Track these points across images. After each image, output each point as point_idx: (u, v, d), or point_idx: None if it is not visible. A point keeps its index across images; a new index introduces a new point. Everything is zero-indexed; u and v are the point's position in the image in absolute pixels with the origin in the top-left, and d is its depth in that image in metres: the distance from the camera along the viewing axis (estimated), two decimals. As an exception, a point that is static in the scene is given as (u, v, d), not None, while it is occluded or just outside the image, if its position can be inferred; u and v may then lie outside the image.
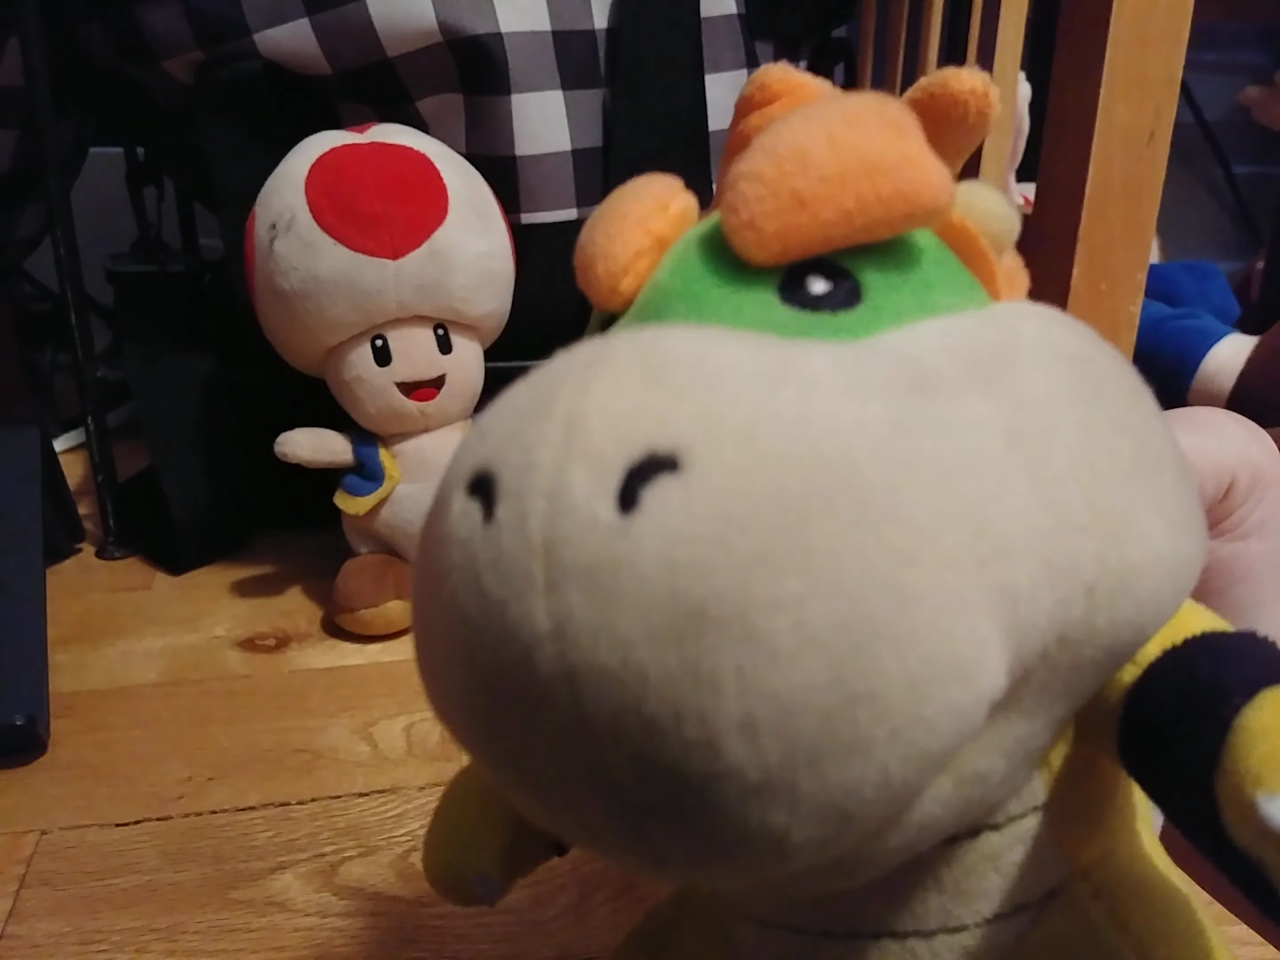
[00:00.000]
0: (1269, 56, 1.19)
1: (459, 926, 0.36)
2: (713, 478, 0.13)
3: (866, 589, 0.13)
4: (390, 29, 0.55)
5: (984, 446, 0.14)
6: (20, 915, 0.37)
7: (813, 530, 0.13)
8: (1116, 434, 0.15)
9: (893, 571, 0.13)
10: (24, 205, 0.73)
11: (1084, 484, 0.15)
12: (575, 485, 0.13)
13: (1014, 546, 0.14)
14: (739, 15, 0.62)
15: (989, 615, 0.13)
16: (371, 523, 0.54)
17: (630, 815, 0.13)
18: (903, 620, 0.13)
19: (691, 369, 0.14)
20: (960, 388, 0.15)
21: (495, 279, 0.52)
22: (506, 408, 0.15)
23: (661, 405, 0.13)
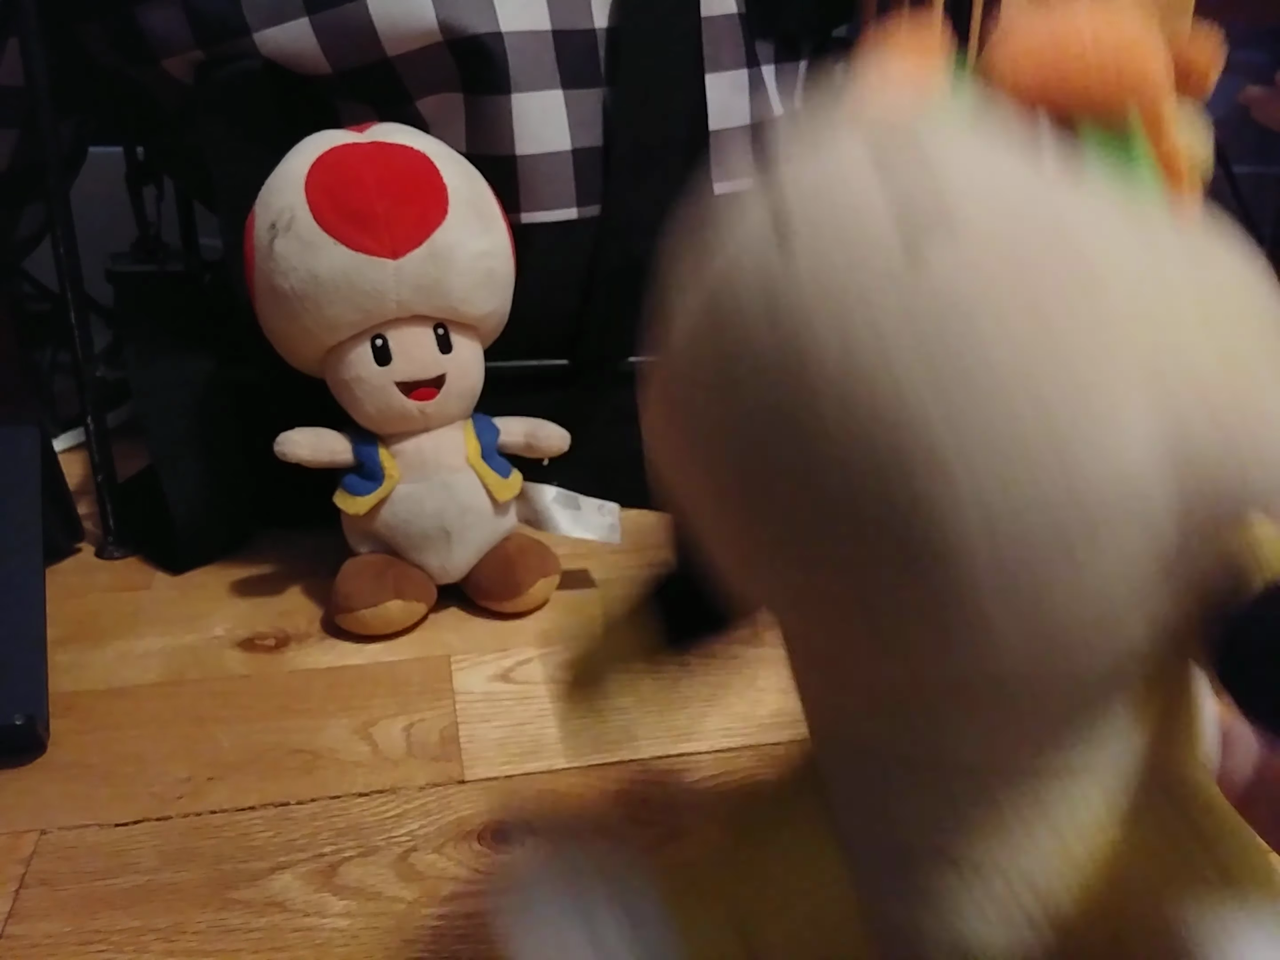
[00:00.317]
0: (1269, 56, 1.19)
1: (459, 926, 0.36)
2: (977, 232, 0.15)
3: (1074, 362, 0.15)
4: (390, 28, 0.55)
5: (1182, 303, 0.17)
6: (20, 915, 0.37)
7: (1052, 323, 0.15)
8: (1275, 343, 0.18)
9: (1095, 368, 0.15)
10: (24, 205, 0.73)
11: (1242, 376, 0.17)
12: (869, 228, 0.15)
13: (1188, 374, 0.16)
14: (739, 14, 0.62)
15: (1170, 429, 0.16)
16: (371, 522, 0.54)
17: (860, 562, 0.16)
18: (1109, 402, 0.15)
19: (956, 153, 0.16)
20: (1182, 244, 0.17)
21: (495, 278, 0.52)
22: (801, 149, 0.18)
23: (931, 173, 0.16)
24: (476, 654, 0.53)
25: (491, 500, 0.55)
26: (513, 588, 0.55)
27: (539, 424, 0.56)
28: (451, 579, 0.56)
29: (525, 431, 0.56)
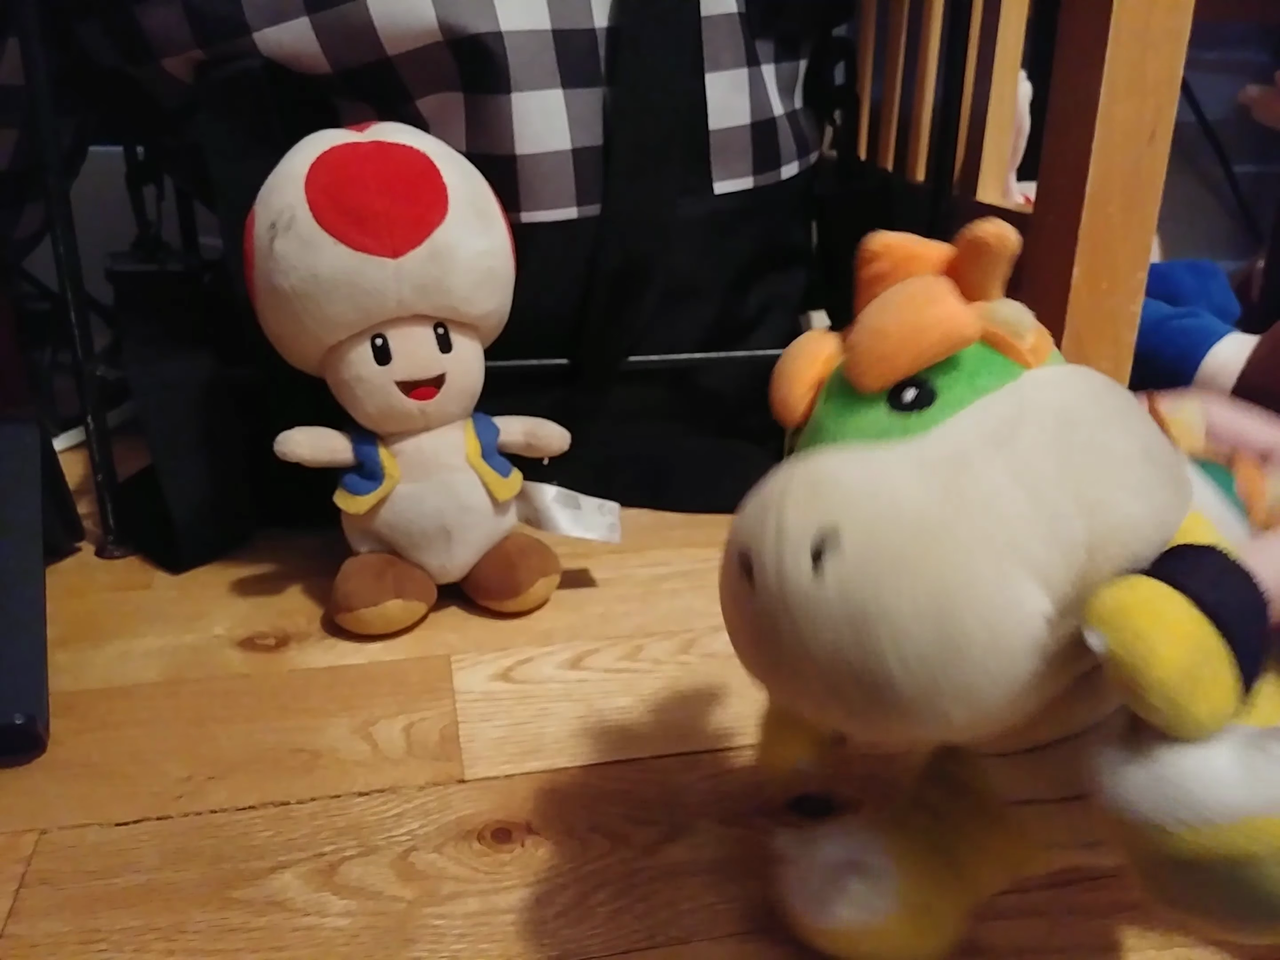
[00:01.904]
0: (1269, 55, 1.19)
1: (459, 926, 0.36)
2: (851, 542, 0.24)
3: (946, 580, 0.23)
4: (390, 28, 0.55)
5: (998, 486, 0.24)
6: (20, 915, 0.37)
7: (910, 559, 0.23)
8: (1088, 451, 0.25)
9: (957, 568, 0.23)
10: (24, 204, 0.73)
11: (1068, 489, 0.24)
12: (787, 563, 0.24)
13: (1026, 536, 0.24)
14: (739, 14, 0.62)
15: (1023, 575, 0.23)
16: (371, 522, 0.54)
17: (855, 711, 0.25)
18: (970, 589, 0.23)
19: (832, 485, 0.25)
20: (983, 454, 0.25)
21: (495, 278, 0.52)
22: (751, 511, 0.26)
23: (820, 508, 0.25)
24: (476, 654, 0.53)
25: (491, 500, 0.55)
26: (513, 587, 0.55)
27: (539, 423, 0.56)
28: (451, 578, 0.56)
29: (525, 431, 0.56)
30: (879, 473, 0.25)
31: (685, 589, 0.59)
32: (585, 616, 0.56)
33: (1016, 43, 0.65)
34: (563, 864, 0.39)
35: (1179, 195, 0.94)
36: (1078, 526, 0.23)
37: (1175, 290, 0.72)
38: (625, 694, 0.50)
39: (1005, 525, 0.23)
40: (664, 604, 0.58)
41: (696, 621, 0.56)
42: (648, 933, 0.36)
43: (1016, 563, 0.23)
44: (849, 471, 0.25)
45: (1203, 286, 0.73)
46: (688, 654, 0.53)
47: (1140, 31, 0.55)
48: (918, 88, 0.75)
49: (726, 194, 0.65)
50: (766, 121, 0.65)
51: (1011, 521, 0.23)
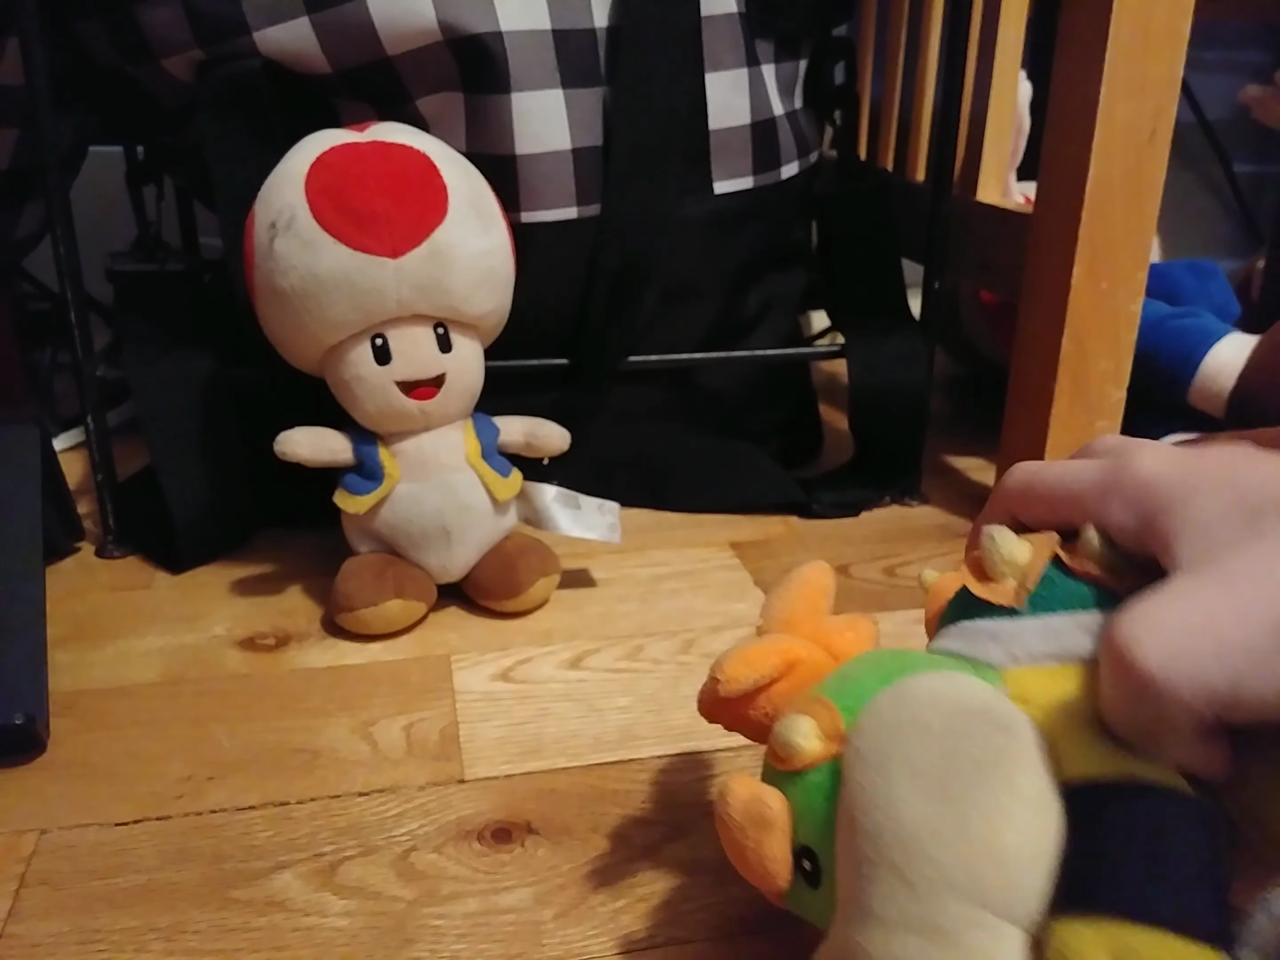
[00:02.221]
0: (1270, 55, 1.19)
1: (459, 926, 0.36)
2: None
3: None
4: (390, 28, 0.55)
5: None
6: (20, 915, 0.37)
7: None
8: (899, 859, 0.24)
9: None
10: (24, 204, 0.73)
11: (919, 901, 0.24)
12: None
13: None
14: (739, 14, 0.62)
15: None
16: (371, 522, 0.54)
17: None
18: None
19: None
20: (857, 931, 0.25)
21: (495, 278, 0.52)
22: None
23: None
24: (476, 653, 0.53)
25: (491, 499, 0.55)
26: (513, 587, 0.55)
27: (539, 423, 0.56)
28: (451, 578, 0.56)
29: (525, 431, 0.56)
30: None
31: (685, 589, 0.59)
32: (585, 616, 0.56)
33: (1016, 43, 0.65)
34: (563, 864, 0.39)
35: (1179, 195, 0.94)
36: (954, 912, 0.23)
37: (1175, 290, 0.72)
38: (625, 694, 0.50)
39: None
40: (664, 604, 0.58)
41: (696, 621, 0.56)
42: (648, 933, 0.36)
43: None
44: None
45: (1203, 286, 0.73)
46: (688, 654, 0.53)
47: (1140, 31, 0.55)
48: (918, 88, 0.75)
49: (726, 194, 0.65)
50: (766, 121, 0.65)
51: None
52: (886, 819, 0.24)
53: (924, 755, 0.24)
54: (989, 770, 0.24)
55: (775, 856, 0.27)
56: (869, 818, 0.24)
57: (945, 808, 0.23)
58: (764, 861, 0.27)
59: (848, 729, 0.26)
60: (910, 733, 0.25)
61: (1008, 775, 0.24)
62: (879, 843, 0.24)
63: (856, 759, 0.25)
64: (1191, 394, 0.65)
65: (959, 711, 0.25)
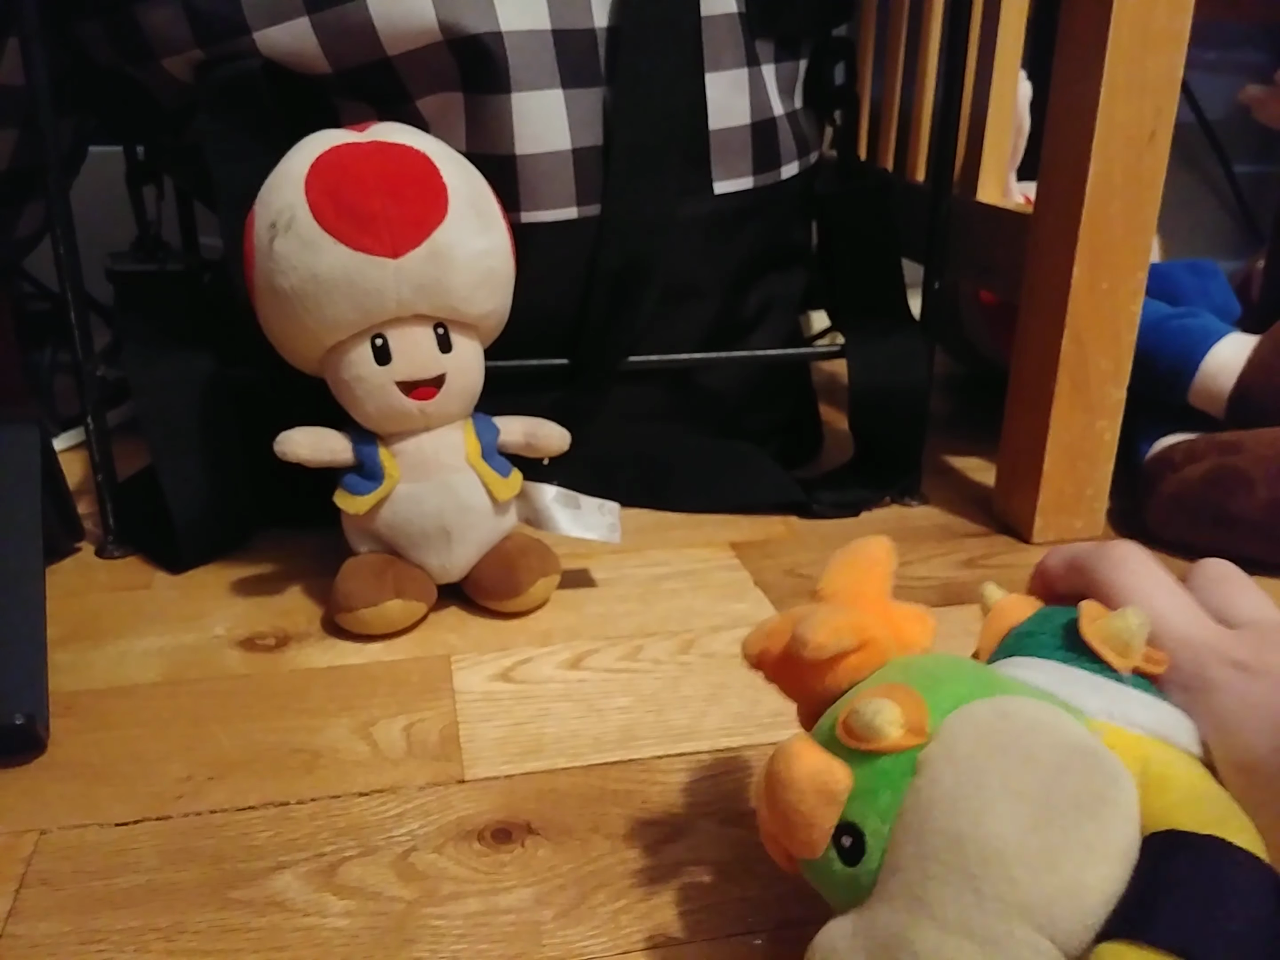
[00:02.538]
0: (1270, 55, 1.19)
1: (459, 926, 0.36)
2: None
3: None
4: (390, 28, 0.55)
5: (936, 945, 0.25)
6: (20, 915, 0.37)
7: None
8: (980, 874, 0.25)
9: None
10: (24, 204, 0.73)
11: (980, 919, 0.25)
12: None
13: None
14: (739, 14, 0.62)
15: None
16: (371, 522, 0.54)
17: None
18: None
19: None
20: (900, 916, 0.26)
21: (495, 278, 0.52)
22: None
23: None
24: (476, 654, 0.53)
25: (491, 499, 0.55)
26: (513, 587, 0.55)
27: (539, 423, 0.56)
28: (451, 578, 0.56)
29: (525, 431, 0.56)
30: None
31: (685, 589, 0.59)
32: (585, 616, 0.56)
33: (1016, 43, 0.65)
34: (563, 864, 0.39)
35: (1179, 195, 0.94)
36: (1019, 935, 0.24)
37: (1175, 290, 0.72)
38: (625, 694, 0.50)
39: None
40: (664, 604, 0.58)
41: (696, 621, 0.56)
42: (648, 933, 0.36)
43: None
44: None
45: (1203, 286, 0.73)
46: (688, 654, 0.53)
47: (1140, 31, 0.55)
48: (918, 88, 0.75)
49: (726, 194, 0.65)
50: (766, 121, 0.65)
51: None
52: (973, 829, 0.24)
53: (1025, 780, 0.25)
54: (1089, 813, 0.25)
55: (823, 828, 0.27)
56: (952, 822, 0.25)
57: (1038, 838, 0.24)
58: (810, 830, 0.27)
59: (932, 728, 0.27)
60: (1013, 754, 0.25)
61: (1106, 823, 0.25)
62: (958, 849, 0.24)
63: (946, 762, 0.26)
64: (1191, 394, 0.65)
65: (1066, 747, 0.26)
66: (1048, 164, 0.60)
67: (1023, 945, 0.24)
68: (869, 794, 0.27)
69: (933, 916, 0.24)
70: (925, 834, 0.25)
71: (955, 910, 0.24)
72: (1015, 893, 0.24)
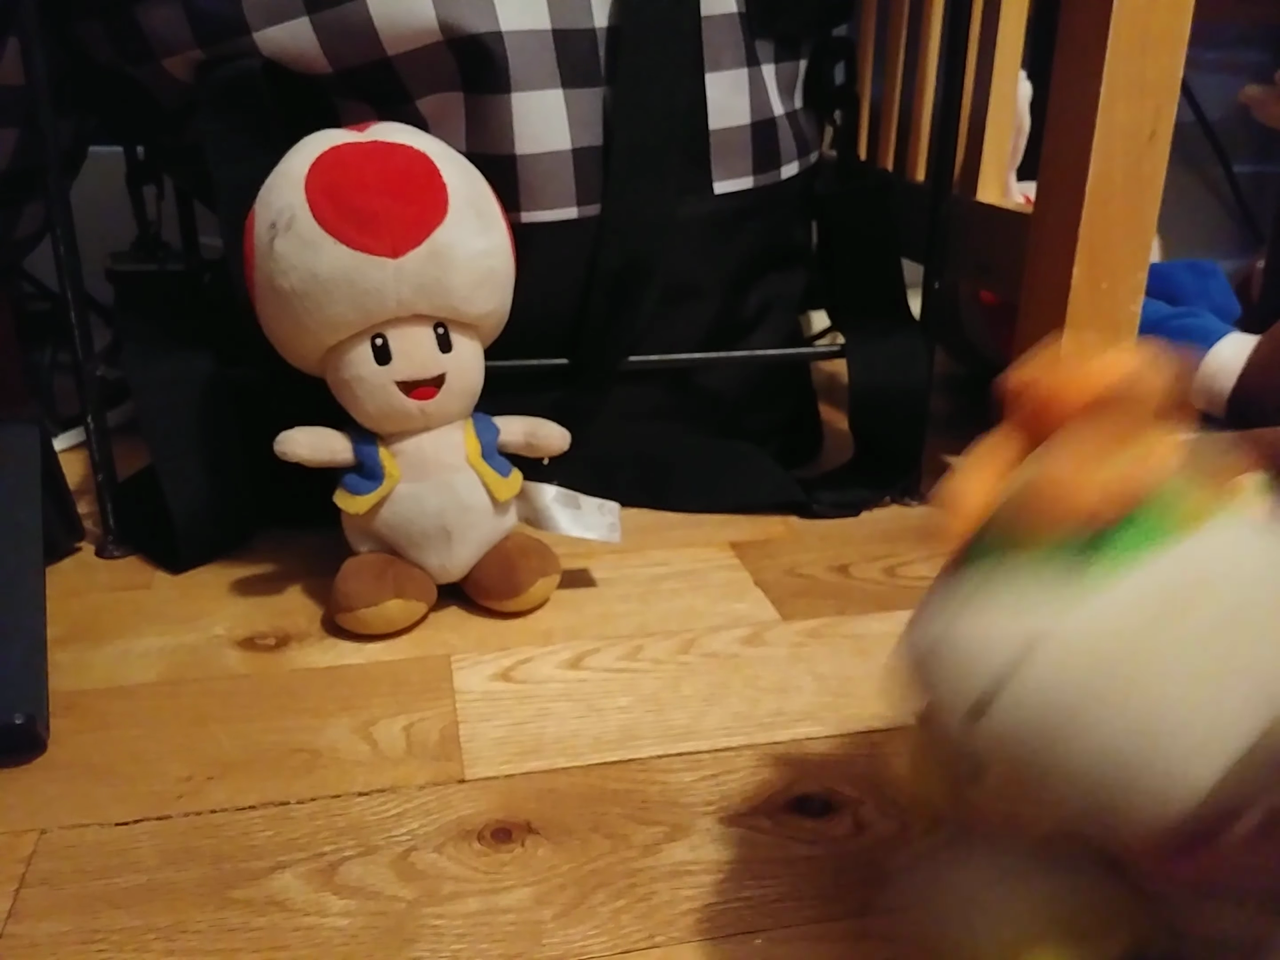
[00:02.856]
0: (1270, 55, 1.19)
1: (459, 926, 0.36)
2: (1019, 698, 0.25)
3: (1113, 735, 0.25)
4: (390, 28, 0.55)
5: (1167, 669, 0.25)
6: (20, 915, 0.37)
7: (1083, 722, 0.25)
8: (1265, 639, 0.25)
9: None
10: (24, 204, 0.73)
11: (1241, 678, 0.24)
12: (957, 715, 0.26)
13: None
14: (739, 14, 0.62)
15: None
16: (371, 522, 0.54)
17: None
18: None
19: (1006, 640, 0.26)
20: (1154, 631, 0.25)
21: (495, 278, 0.52)
22: (935, 649, 0.27)
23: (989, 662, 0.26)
24: (476, 654, 0.53)
25: (492, 499, 0.55)
26: (513, 587, 0.55)
27: (539, 423, 0.56)
28: (452, 578, 0.56)
29: (525, 431, 0.56)
30: (1056, 633, 0.26)
31: (685, 589, 0.59)
32: (585, 616, 0.56)
33: (1016, 43, 0.65)
34: (563, 864, 0.39)
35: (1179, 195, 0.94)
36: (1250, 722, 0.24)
37: (1175, 290, 0.72)
38: (625, 694, 0.50)
39: (1163, 732, 0.24)
40: (664, 604, 0.58)
41: (696, 621, 0.56)
42: (648, 933, 0.36)
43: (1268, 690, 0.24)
44: (1027, 625, 0.26)
45: (1203, 286, 0.73)
46: (688, 654, 0.53)
47: (1140, 32, 0.55)
48: (918, 88, 0.75)
49: (726, 194, 0.65)
50: (766, 121, 0.65)
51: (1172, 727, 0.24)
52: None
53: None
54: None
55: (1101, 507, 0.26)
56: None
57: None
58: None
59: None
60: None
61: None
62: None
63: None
64: (1192, 393, 0.65)
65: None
66: (1048, 164, 0.60)
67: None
68: (1140, 528, 0.26)
69: (1180, 633, 0.25)
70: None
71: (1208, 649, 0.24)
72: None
